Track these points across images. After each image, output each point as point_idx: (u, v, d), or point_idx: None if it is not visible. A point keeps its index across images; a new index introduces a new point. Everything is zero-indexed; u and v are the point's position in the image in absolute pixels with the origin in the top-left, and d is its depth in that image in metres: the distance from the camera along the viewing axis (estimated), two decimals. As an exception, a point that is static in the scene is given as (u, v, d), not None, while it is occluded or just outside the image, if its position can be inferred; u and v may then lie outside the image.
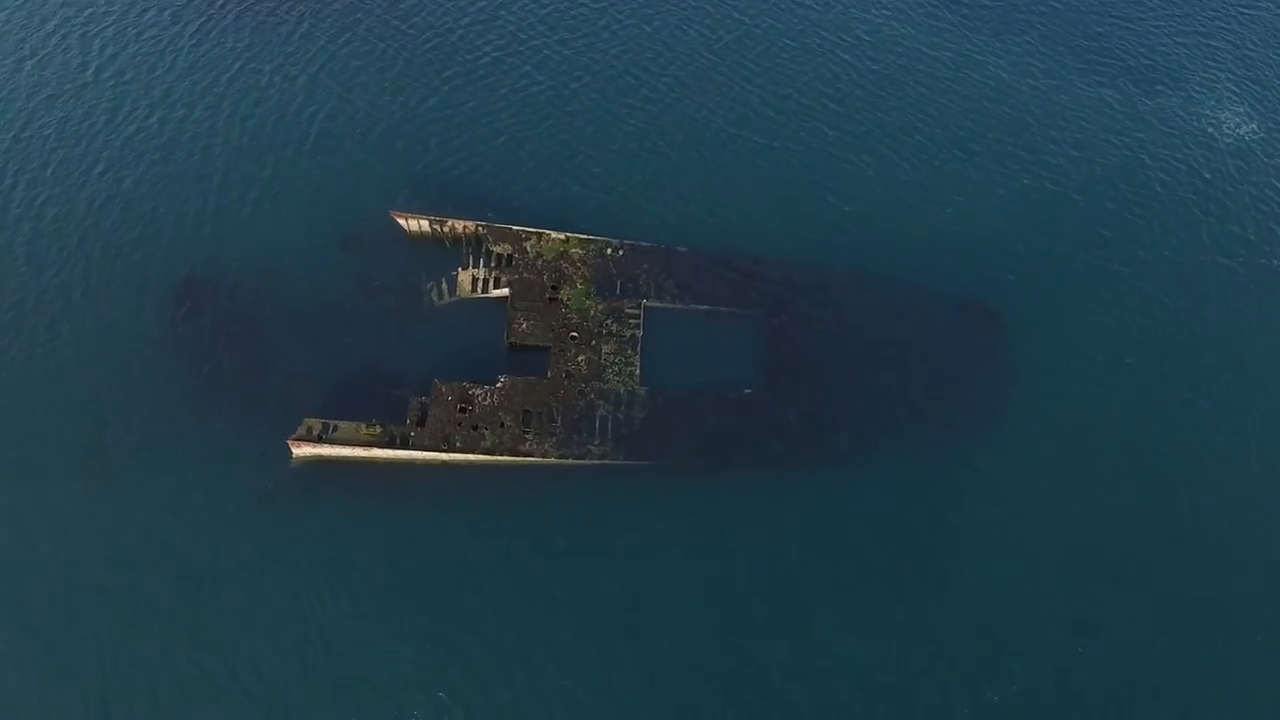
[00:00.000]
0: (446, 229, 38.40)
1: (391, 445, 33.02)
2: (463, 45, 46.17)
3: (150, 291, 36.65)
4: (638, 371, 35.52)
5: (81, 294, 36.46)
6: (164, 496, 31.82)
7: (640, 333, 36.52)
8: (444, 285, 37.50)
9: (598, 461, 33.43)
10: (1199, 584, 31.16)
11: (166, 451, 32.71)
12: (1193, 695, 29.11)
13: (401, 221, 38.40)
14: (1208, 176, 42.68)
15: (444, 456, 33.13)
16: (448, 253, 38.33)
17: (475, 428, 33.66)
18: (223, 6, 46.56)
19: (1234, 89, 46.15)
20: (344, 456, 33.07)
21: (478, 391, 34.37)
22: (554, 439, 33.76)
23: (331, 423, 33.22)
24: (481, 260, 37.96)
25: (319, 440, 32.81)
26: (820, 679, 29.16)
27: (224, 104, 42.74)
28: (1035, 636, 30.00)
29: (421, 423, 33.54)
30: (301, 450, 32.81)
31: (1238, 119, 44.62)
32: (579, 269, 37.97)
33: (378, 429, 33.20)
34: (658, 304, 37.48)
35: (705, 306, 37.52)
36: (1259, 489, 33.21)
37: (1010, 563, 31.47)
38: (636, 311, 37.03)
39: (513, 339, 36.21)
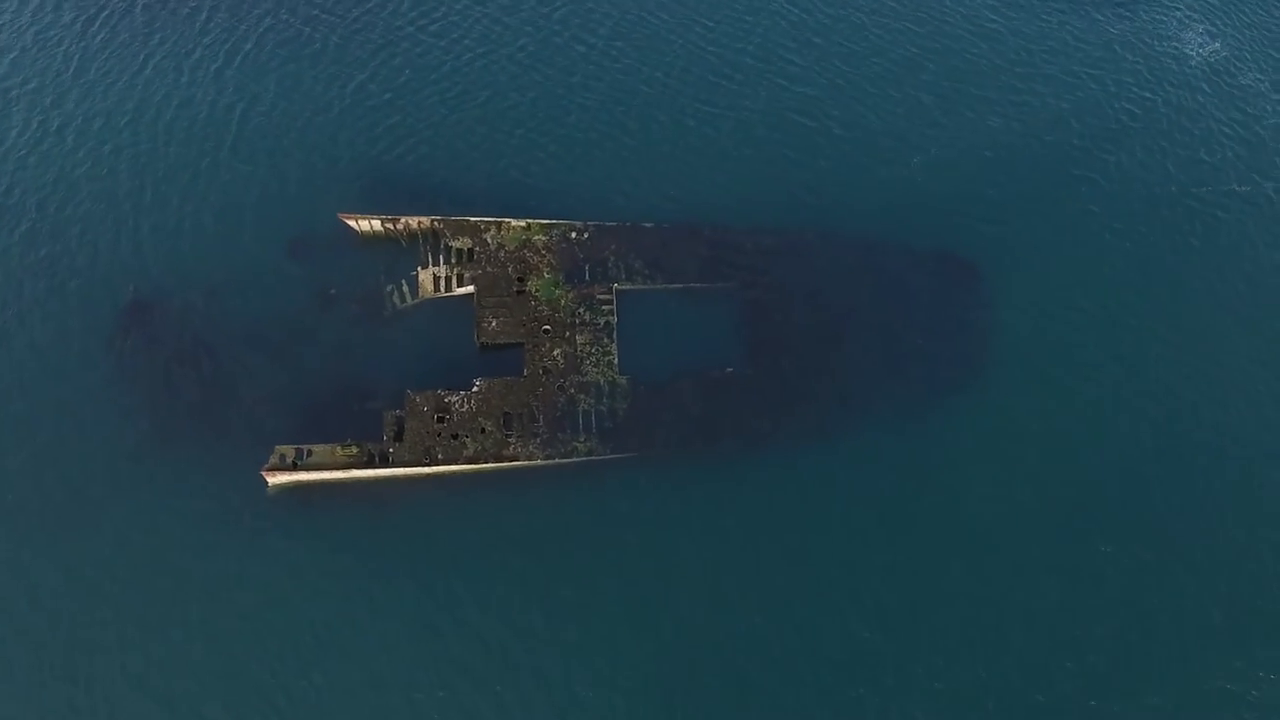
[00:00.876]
0: (400, 226, 37.12)
1: (371, 464, 32.69)
2: (382, 16, 43.72)
3: (85, 324, 34.83)
4: (616, 360, 35.47)
5: (3, 335, 34.56)
6: (135, 543, 31.13)
7: (614, 319, 36.31)
8: (404, 287, 36.52)
9: (585, 458, 33.72)
10: (1187, 530, 33.03)
11: (131, 495, 31.81)
12: (1187, 644, 31.42)
13: (351, 223, 36.99)
14: (1174, 103, 43.25)
15: (427, 470, 33.05)
16: (404, 252, 37.16)
17: (455, 436, 33.47)
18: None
19: (1194, 9, 46.59)
20: (323, 480, 32.78)
21: (454, 398, 34.04)
22: (538, 439, 33.81)
23: (305, 448, 32.63)
24: (441, 257, 36.91)
25: (294, 468, 32.33)
26: (824, 656, 30.61)
27: (129, 104, 39.92)
28: (1031, 597, 31.71)
29: (399, 437, 33.20)
30: (277, 479, 32.32)
31: (1200, 39, 45.12)
32: (544, 256, 37.35)
33: (354, 449, 32.76)
34: (629, 286, 37.21)
35: (678, 285, 37.35)
36: (1240, 430, 34.99)
37: (1005, 523, 32.80)
38: (608, 297, 36.72)
39: (483, 339, 35.67)
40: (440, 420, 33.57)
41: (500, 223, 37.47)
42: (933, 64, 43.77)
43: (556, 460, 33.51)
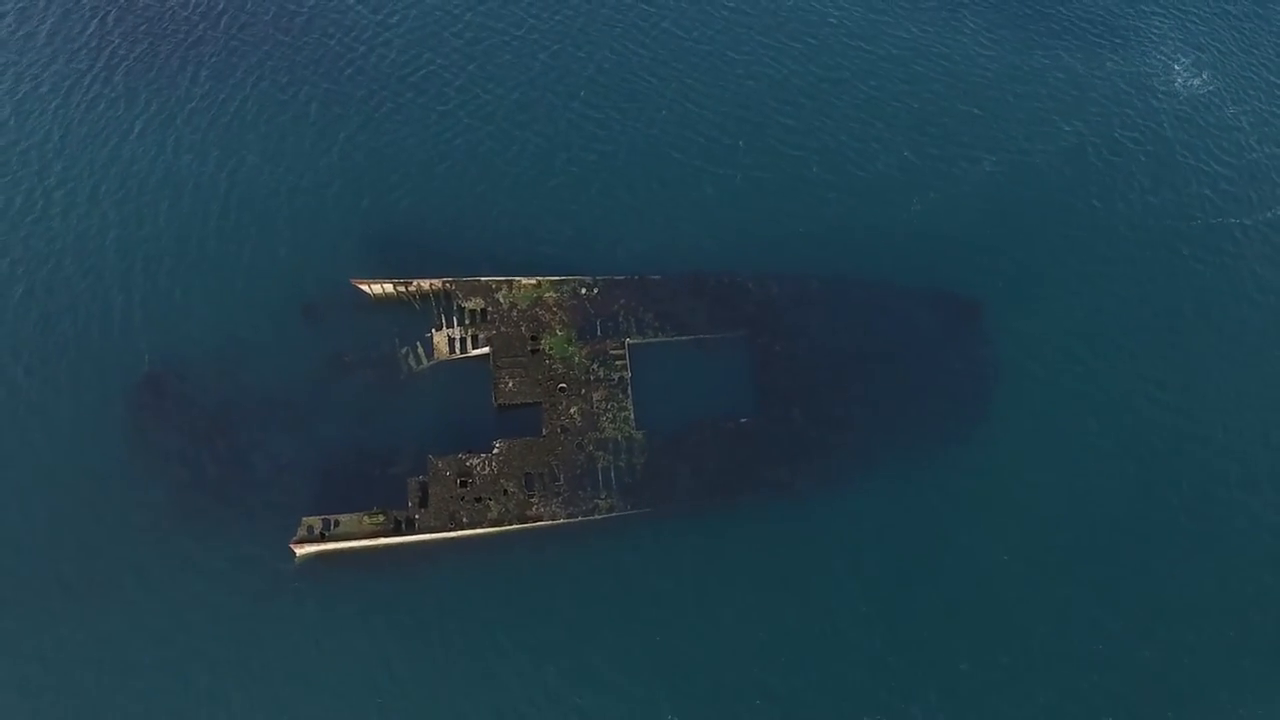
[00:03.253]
0: (413, 289, 39.38)
1: (397, 532, 34.88)
2: (380, 76, 45.99)
3: (100, 403, 36.70)
4: (632, 416, 37.91)
5: (16, 420, 36.21)
6: (164, 620, 33.03)
7: (629, 374, 38.80)
8: (420, 350, 38.75)
9: (606, 515, 36.15)
10: (1198, 566, 35.90)
11: (159, 576, 33.67)
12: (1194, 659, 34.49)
13: (364, 287, 39.19)
14: (1162, 137, 46.35)
15: (452, 534, 35.36)
16: (417, 315, 39.36)
17: (479, 499, 35.75)
18: (107, 64, 44.84)
19: (1179, 40, 49.65)
20: (350, 548, 35.00)
21: (475, 461, 36.35)
22: (560, 498, 36.19)
23: (331, 518, 34.75)
24: (454, 318, 39.31)
25: (322, 538, 34.51)
26: (841, 703, 33.33)
27: (130, 178, 41.91)
28: (1046, 637, 34.47)
29: (424, 503, 35.44)
30: (305, 550, 34.49)
31: (1187, 71, 48.32)
32: (556, 314, 39.76)
33: (380, 517, 34.95)
34: (641, 340, 39.66)
35: (689, 336, 39.87)
36: (1246, 458, 38.15)
37: (1019, 562, 35.60)
38: (621, 351, 39.17)
39: (501, 399, 38.03)
40: (463, 484, 35.86)
41: (511, 281, 39.84)
42: (928, 109, 46.66)
43: (579, 519, 35.94)
